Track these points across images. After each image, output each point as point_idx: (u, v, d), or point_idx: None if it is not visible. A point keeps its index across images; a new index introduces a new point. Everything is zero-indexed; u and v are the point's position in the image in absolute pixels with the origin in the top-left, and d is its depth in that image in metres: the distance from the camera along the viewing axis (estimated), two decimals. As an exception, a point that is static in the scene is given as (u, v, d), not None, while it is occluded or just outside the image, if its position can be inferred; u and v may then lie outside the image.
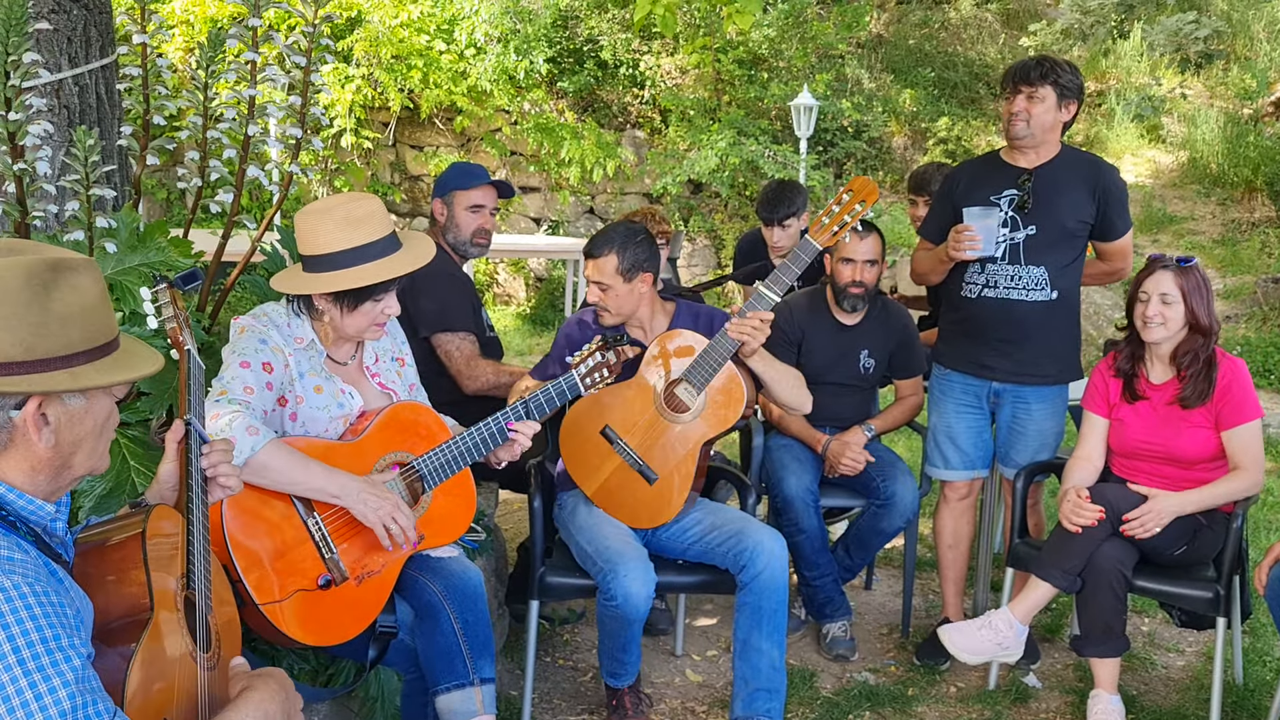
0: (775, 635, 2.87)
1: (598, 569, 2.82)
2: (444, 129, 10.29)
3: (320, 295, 2.38)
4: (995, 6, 13.60)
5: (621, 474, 2.95)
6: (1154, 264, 3.06)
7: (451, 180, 3.47)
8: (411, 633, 2.42)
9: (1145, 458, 3.12)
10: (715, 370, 2.94)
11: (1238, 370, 3.03)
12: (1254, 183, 9.93)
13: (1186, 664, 3.61)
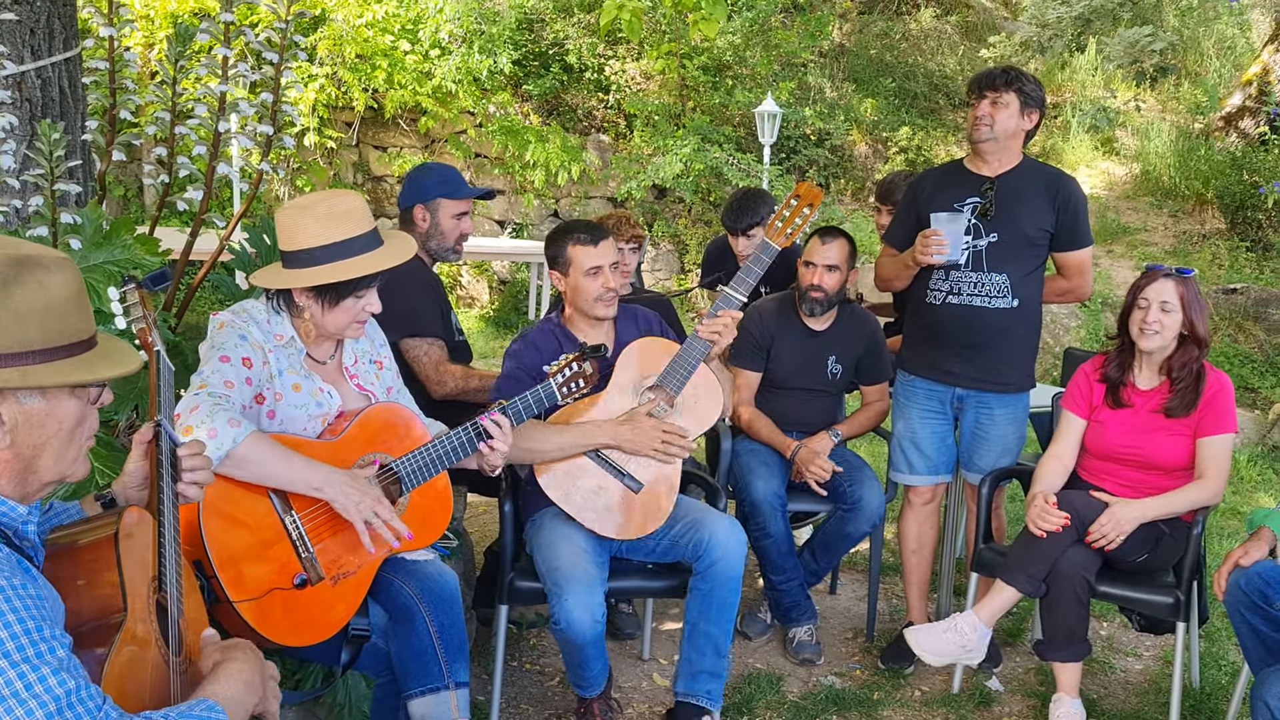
0: (724, 623, 2.93)
1: (548, 590, 2.82)
2: (408, 130, 10.22)
3: (301, 291, 2.36)
4: (955, 18, 13.78)
5: (606, 488, 2.95)
6: (1154, 273, 3.12)
7: (435, 187, 3.40)
8: (385, 636, 2.40)
9: (1119, 461, 3.18)
10: (690, 373, 2.99)
11: (1224, 384, 3.09)
12: (1205, 196, 10.12)
13: (1145, 668, 3.67)
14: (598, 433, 2.92)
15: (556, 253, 3.05)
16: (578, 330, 3.07)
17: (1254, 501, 5.51)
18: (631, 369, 3.03)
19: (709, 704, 2.97)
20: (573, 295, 3.05)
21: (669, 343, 3.10)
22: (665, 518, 2.97)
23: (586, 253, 3.01)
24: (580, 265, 3.00)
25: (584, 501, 2.93)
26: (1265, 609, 2.74)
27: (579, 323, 3.08)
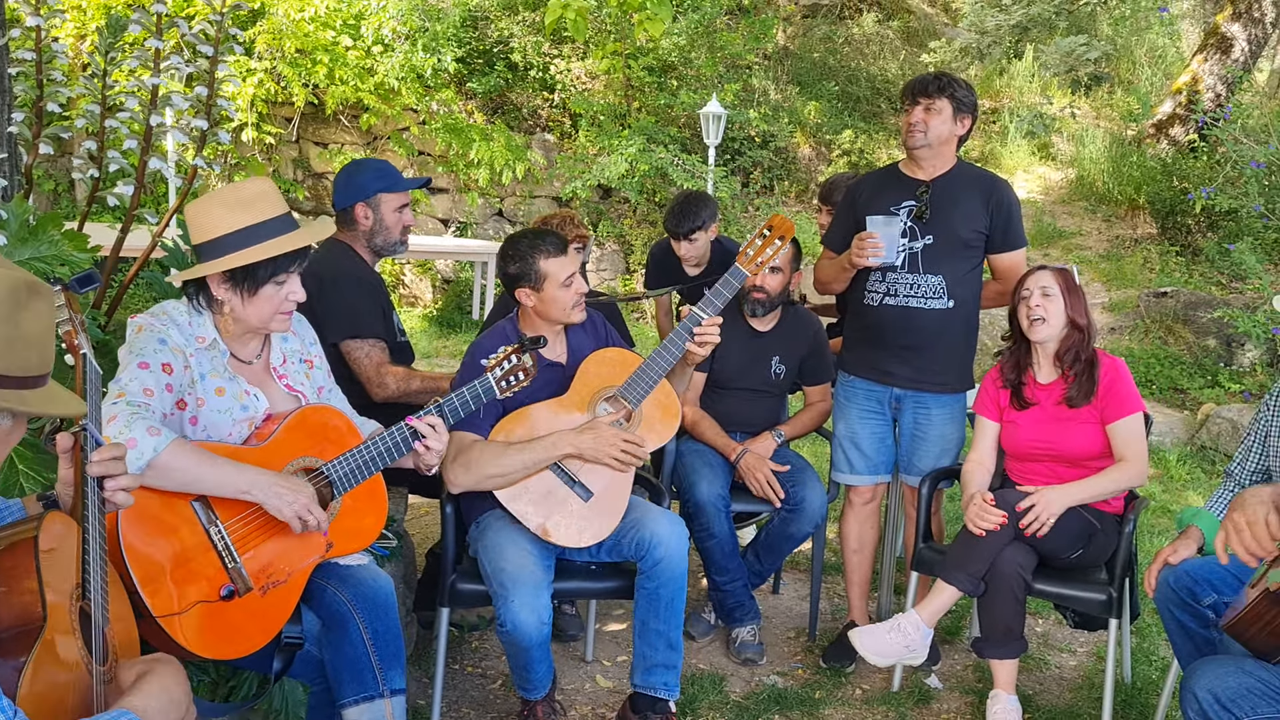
0: (673, 619, 2.93)
1: (493, 592, 2.79)
2: (350, 126, 10.09)
3: (218, 283, 2.29)
4: (896, 24, 13.95)
5: (555, 493, 2.93)
6: (1033, 269, 3.26)
7: (374, 182, 3.34)
8: (319, 643, 2.35)
9: (1038, 458, 3.24)
10: (652, 385, 3.00)
11: (1119, 368, 3.18)
12: (1137, 201, 10.36)
13: (1079, 664, 3.73)
14: (560, 444, 2.89)
15: (523, 269, 2.95)
16: (535, 334, 3.04)
17: (1184, 500, 5.65)
18: (590, 379, 3.02)
19: (666, 694, 2.98)
20: (545, 308, 2.99)
21: (630, 354, 3.11)
22: (613, 528, 2.95)
23: (560, 264, 2.95)
24: (556, 278, 2.95)
25: (532, 507, 2.91)
26: (1193, 606, 2.80)
27: (539, 327, 3.04)
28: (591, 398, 3.00)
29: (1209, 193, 6.72)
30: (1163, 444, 6.56)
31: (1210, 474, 6.18)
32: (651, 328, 8.81)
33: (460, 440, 2.83)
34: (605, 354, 3.07)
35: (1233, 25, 10.99)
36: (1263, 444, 3.02)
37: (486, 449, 2.85)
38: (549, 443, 2.88)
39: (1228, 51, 10.95)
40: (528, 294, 2.98)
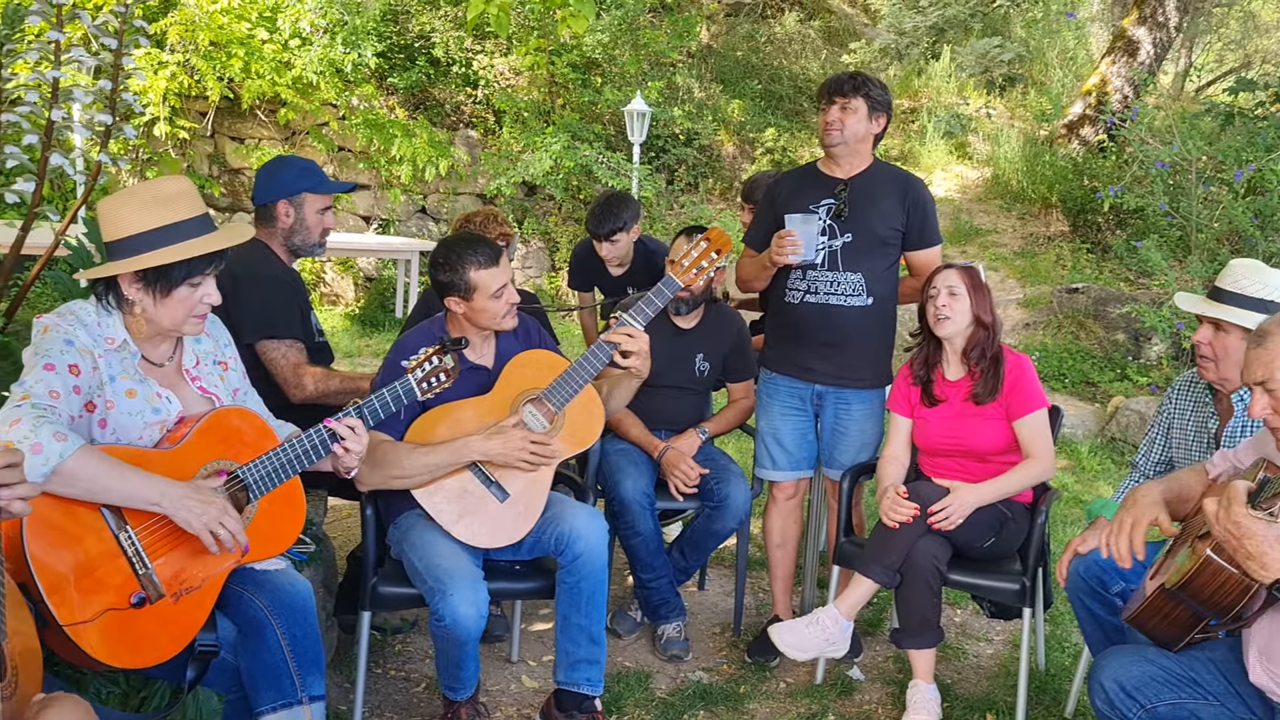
0: (594, 613, 2.93)
1: (428, 588, 2.75)
2: (267, 121, 9.88)
3: (130, 283, 2.23)
4: (818, 24, 14.13)
5: (472, 492, 2.91)
6: (940, 267, 3.32)
7: (298, 181, 3.28)
8: (234, 651, 2.30)
9: (948, 454, 3.31)
10: (577, 390, 2.99)
11: (1023, 364, 3.26)
12: (1050, 200, 10.64)
13: (995, 652, 3.82)
14: (466, 450, 2.87)
15: (453, 279, 2.91)
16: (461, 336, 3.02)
17: (1095, 491, 5.82)
18: (515, 380, 3.00)
19: (590, 690, 2.97)
20: (474, 316, 2.97)
21: (557, 357, 3.10)
22: (530, 528, 2.94)
23: (491, 275, 2.92)
24: (486, 289, 2.92)
25: (448, 507, 2.88)
26: (1102, 594, 2.89)
27: (467, 331, 3.02)
28: (515, 399, 2.98)
29: (1117, 191, 6.93)
30: (1074, 436, 6.75)
31: (1120, 464, 6.37)
32: (576, 326, 8.80)
33: (372, 438, 2.78)
34: (532, 355, 3.06)
35: (1139, 29, 11.35)
36: (1165, 436, 3.13)
37: (394, 449, 2.82)
38: (455, 448, 2.86)
39: (1134, 54, 11.30)
40: (457, 302, 2.96)
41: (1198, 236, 6.81)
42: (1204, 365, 2.89)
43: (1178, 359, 7.44)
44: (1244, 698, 2.23)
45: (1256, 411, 2.09)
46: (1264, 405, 2.07)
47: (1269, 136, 6.81)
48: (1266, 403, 2.07)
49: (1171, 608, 2.15)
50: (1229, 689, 2.26)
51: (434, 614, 2.71)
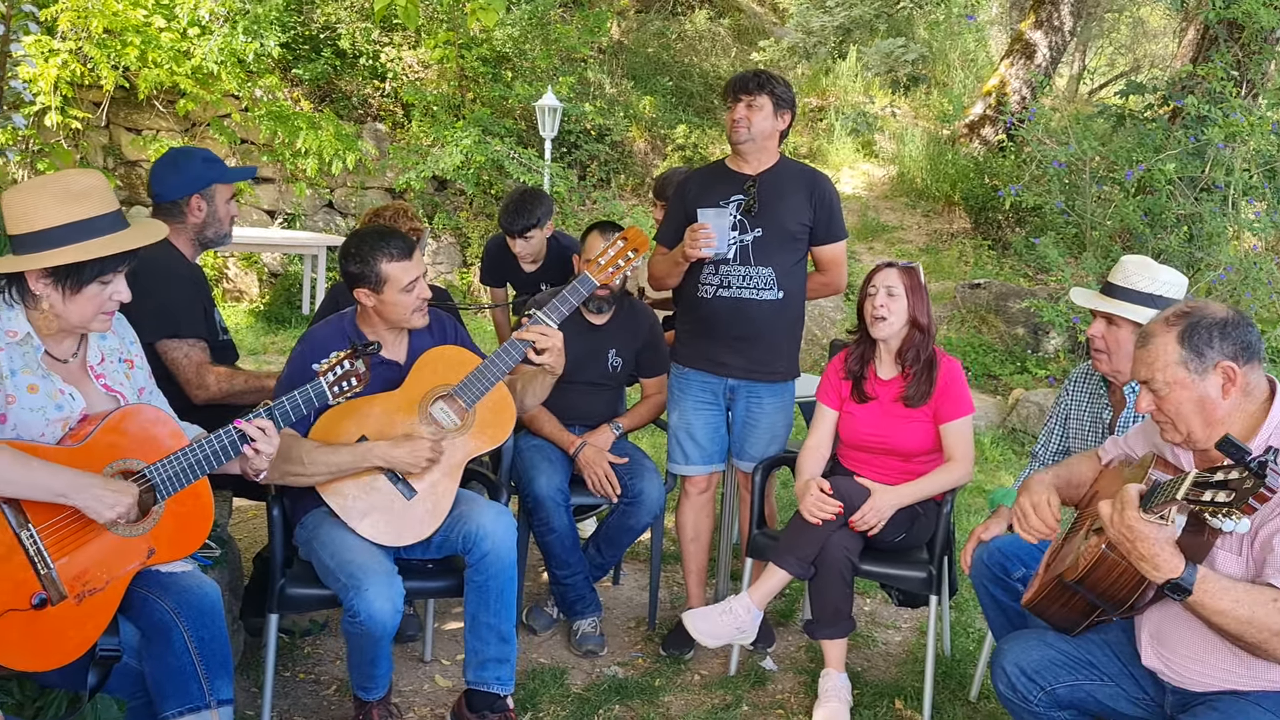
0: (503, 611, 2.91)
1: (341, 585, 2.71)
2: (165, 112, 9.56)
3: (38, 279, 2.16)
4: (727, 22, 14.25)
5: (378, 489, 2.86)
6: (881, 265, 3.35)
7: (206, 173, 3.19)
8: (138, 655, 2.24)
9: (871, 450, 3.37)
10: (489, 387, 2.97)
11: (955, 370, 3.33)
12: (952, 197, 10.93)
13: (903, 639, 3.92)
14: (370, 455, 2.82)
15: (364, 270, 2.86)
16: (373, 333, 2.97)
17: (997, 480, 6.00)
18: (426, 376, 2.96)
19: (500, 689, 2.96)
20: (384, 310, 2.92)
21: (469, 354, 3.06)
22: (438, 525, 2.92)
23: (403, 268, 2.87)
24: (397, 283, 2.87)
25: (353, 504, 2.84)
26: (1005, 580, 2.98)
27: (378, 328, 2.98)
28: (425, 395, 2.95)
29: (1017, 190, 7.14)
30: (977, 427, 6.94)
31: (1020, 455, 6.58)
32: (488, 322, 8.73)
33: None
34: (443, 352, 3.02)
35: (1035, 33, 11.72)
36: (1063, 426, 3.24)
37: (297, 444, 2.77)
38: (360, 452, 2.81)
39: (1031, 57, 11.67)
40: (367, 294, 2.91)
41: (1092, 234, 7.07)
42: (1097, 358, 3.01)
43: (1074, 352, 7.71)
44: (1136, 678, 2.33)
45: (1143, 407, 2.18)
46: (1149, 402, 2.17)
47: (1157, 138, 7.10)
48: (1151, 399, 2.16)
49: (1068, 597, 2.24)
50: (1123, 670, 2.36)
51: (348, 611, 2.67)
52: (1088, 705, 2.41)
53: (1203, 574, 1.94)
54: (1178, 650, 2.19)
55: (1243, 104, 6.69)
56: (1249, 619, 1.92)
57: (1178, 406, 2.11)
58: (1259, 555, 2.01)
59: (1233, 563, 2.05)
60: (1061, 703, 2.42)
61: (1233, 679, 2.11)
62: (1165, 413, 2.14)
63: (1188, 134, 6.75)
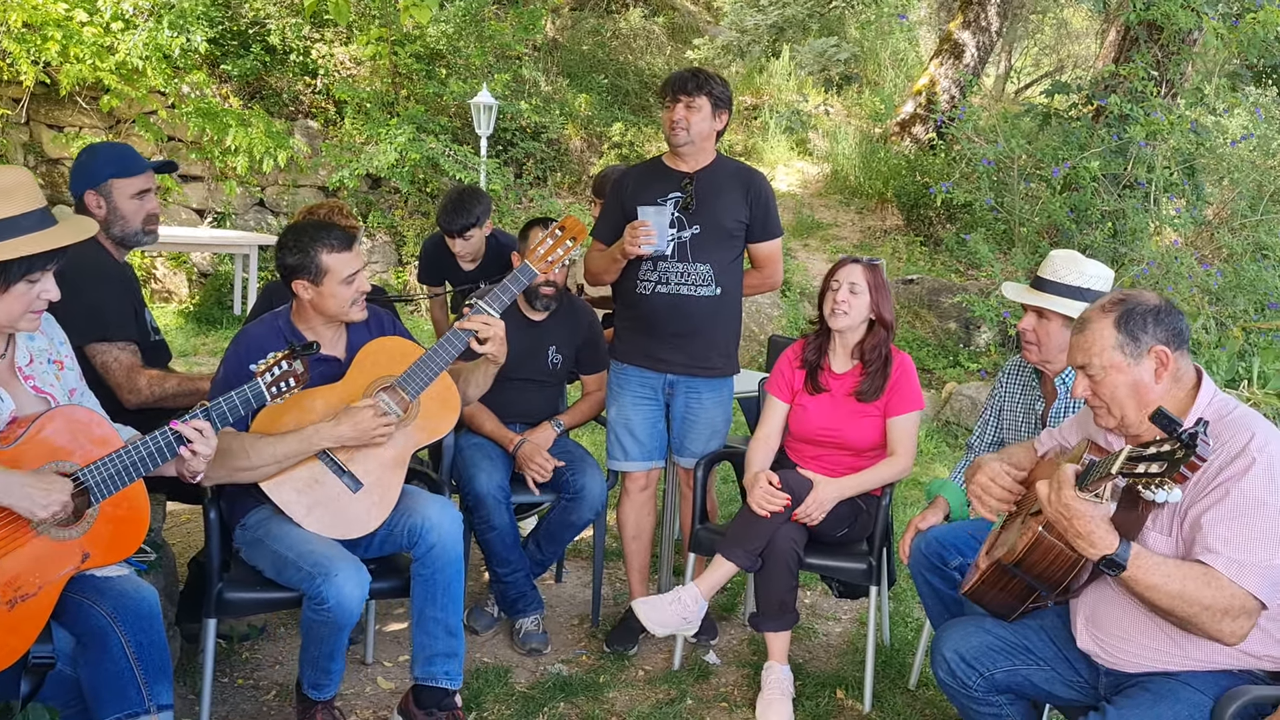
0: (450, 605, 2.90)
1: (304, 575, 2.67)
2: (88, 109, 9.30)
3: None
4: (662, 19, 14.30)
5: (322, 482, 2.83)
6: (846, 260, 3.38)
7: (104, 168, 3.09)
8: (73, 662, 2.18)
9: (820, 444, 3.41)
10: (432, 378, 2.95)
11: (907, 365, 3.38)
12: (885, 194, 11.10)
13: (843, 630, 3.97)
14: (316, 437, 2.78)
15: (303, 261, 2.83)
16: (309, 329, 2.93)
17: (931, 472, 6.11)
18: (368, 368, 2.93)
19: (449, 683, 2.94)
20: (321, 303, 2.88)
21: (411, 345, 3.03)
22: (385, 517, 2.89)
23: (343, 260, 2.85)
24: (337, 274, 2.84)
25: (298, 499, 2.80)
26: (942, 569, 3.04)
27: (314, 323, 2.93)
28: (368, 387, 2.92)
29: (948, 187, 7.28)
30: (912, 421, 7.05)
31: (954, 447, 6.71)
32: (426, 320, 8.66)
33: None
34: (385, 343, 2.99)
35: (963, 33, 11.94)
36: (997, 418, 3.31)
37: (238, 439, 2.72)
38: (305, 436, 2.77)
39: (960, 57, 11.88)
40: (305, 286, 2.87)
41: (1020, 230, 7.23)
42: (1028, 349, 3.08)
43: (1004, 346, 7.88)
44: (1071, 661, 2.40)
45: (1079, 392, 2.24)
46: (1085, 386, 2.23)
47: (1082, 136, 7.28)
48: (1087, 384, 2.23)
49: (1006, 581, 2.29)
50: (1058, 654, 2.42)
51: (315, 599, 2.64)
52: (1024, 689, 2.47)
53: (1136, 550, 2.01)
54: (1111, 632, 2.25)
55: (1163, 103, 6.90)
56: (1180, 593, 1.99)
57: (1113, 390, 2.18)
58: (1188, 535, 2.08)
59: (1163, 543, 2.12)
60: (999, 687, 2.47)
61: (1163, 659, 2.18)
62: (1101, 397, 2.20)
63: (1110, 132, 6.93)
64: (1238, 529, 2.01)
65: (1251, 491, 2.02)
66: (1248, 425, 2.10)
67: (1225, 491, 2.03)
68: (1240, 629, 2.01)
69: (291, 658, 3.45)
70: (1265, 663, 2.13)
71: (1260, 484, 2.02)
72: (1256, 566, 1.99)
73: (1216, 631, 2.01)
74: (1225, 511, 2.02)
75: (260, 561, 2.81)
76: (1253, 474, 2.02)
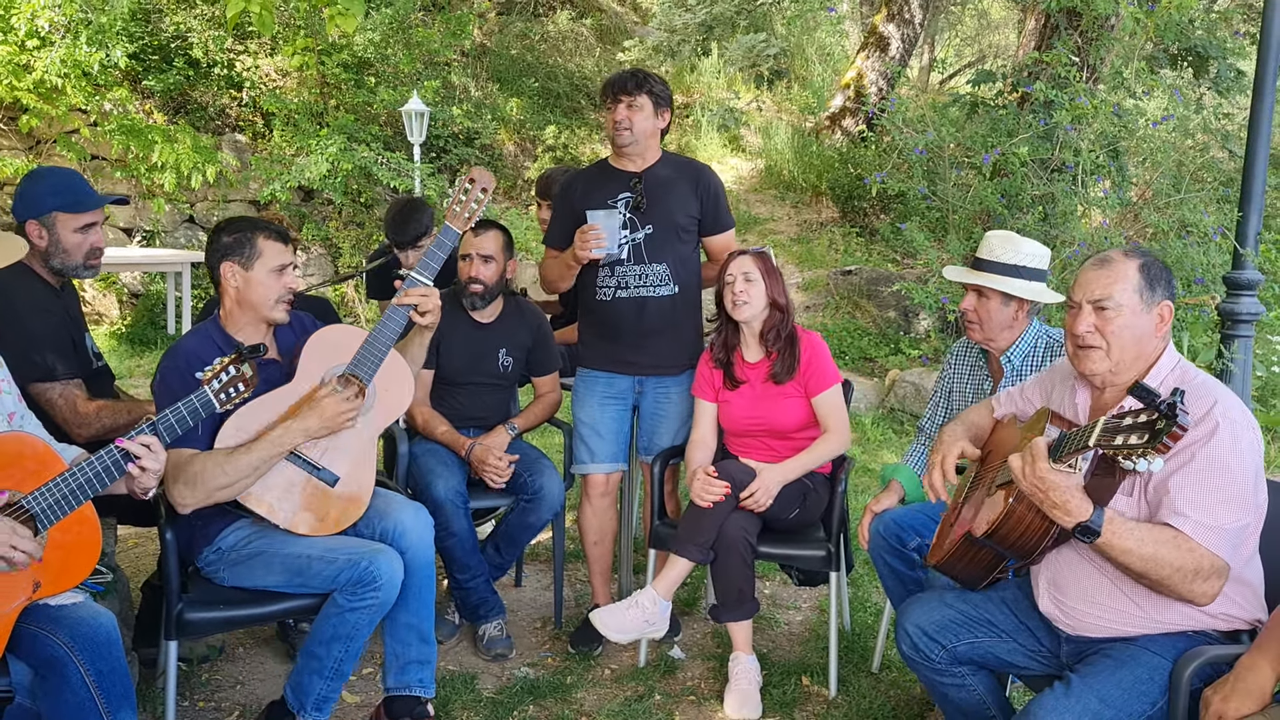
0: (423, 610, 2.88)
1: (341, 565, 2.65)
2: (7, 129, 9.05)
3: None
4: (590, 22, 14.30)
5: (298, 483, 2.80)
6: (734, 254, 3.44)
7: (48, 199, 3.00)
8: (31, 694, 2.12)
9: (753, 434, 3.45)
10: (381, 358, 2.93)
11: (816, 344, 3.44)
12: (820, 188, 11.21)
13: (804, 618, 4.01)
14: (286, 437, 2.72)
15: (238, 240, 2.79)
16: (239, 332, 2.87)
17: (880, 458, 6.19)
18: (317, 359, 2.89)
19: (423, 691, 2.91)
20: (248, 292, 2.82)
21: (354, 330, 2.99)
22: (364, 508, 2.87)
23: (278, 250, 2.82)
24: (269, 260, 2.81)
25: (280, 505, 2.77)
26: (901, 550, 3.08)
27: (241, 323, 2.87)
28: (321, 378, 2.88)
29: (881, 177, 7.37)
30: (858, 409, 7.15)
31: (900, 433, 6.81)
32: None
33: (177, 457, 2.61)
34: (327, 333, 2.95)
35: (888, 25, 12.11)
36: (947, 399, 3.38)
37: (209, 459, 2.66)
38: (274, 438, 2.71)
39: (885, 50, 12.05)
40: (234, 270, 2.81)
41: (954, 217, 7.34)
42: (971, 329, 3.15)
43: (944, 331, 8.00)
44: (1033, 630, 2.45)
45: (1080, 328, 2.27)
46: (1090, 323, 2.26)
47: (1009, 123, 7.42)
48: (1093, 320, 2.26)
49: (976, 552, 2.33)
50: (1019, 625, 2.47)
51: (364, 583, 2.64)
52: (987, 661, 2.52)
53: (1109, 516, 2.07)
54: (1071, 594, 2.31)
55: (1085, 88, 7.06)
56: (1152, 557, 2.05)
57: (1121, 330, 2.23)
58: (1153, 498, 2.14)
59: (1127, 505, 2.18)
60: (961, 659, 2.52)
61: (1124, 619, 2.23)
62: (1106, 334, 2.24)
63: (1037, 118, 7.08)
64: (1204, 493, 2.07)
65: (1217, 456, 2.08)
66: (1209, 392, 2.17)
67: (1191, 456, 2.10)
68: (1212, 589, 2.07)
69: (253, 677, 3.39)
70: (1220, 621, 2.20)
71: (1225, 448, 2.08)
72: (1224, 529, 2.05)
73: (1188, 592, 2.07)
74: (1192, 476, 2.08)
75: (260, 575, 2.74)
76: (1218, 438, 2.09)
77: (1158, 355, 2.27)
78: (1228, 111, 8.24)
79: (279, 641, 3.61)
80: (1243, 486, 2.08)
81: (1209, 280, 6.60)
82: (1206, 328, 6.85)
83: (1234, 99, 8.75)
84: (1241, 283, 4.88)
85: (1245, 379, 4.95)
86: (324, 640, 2.70)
